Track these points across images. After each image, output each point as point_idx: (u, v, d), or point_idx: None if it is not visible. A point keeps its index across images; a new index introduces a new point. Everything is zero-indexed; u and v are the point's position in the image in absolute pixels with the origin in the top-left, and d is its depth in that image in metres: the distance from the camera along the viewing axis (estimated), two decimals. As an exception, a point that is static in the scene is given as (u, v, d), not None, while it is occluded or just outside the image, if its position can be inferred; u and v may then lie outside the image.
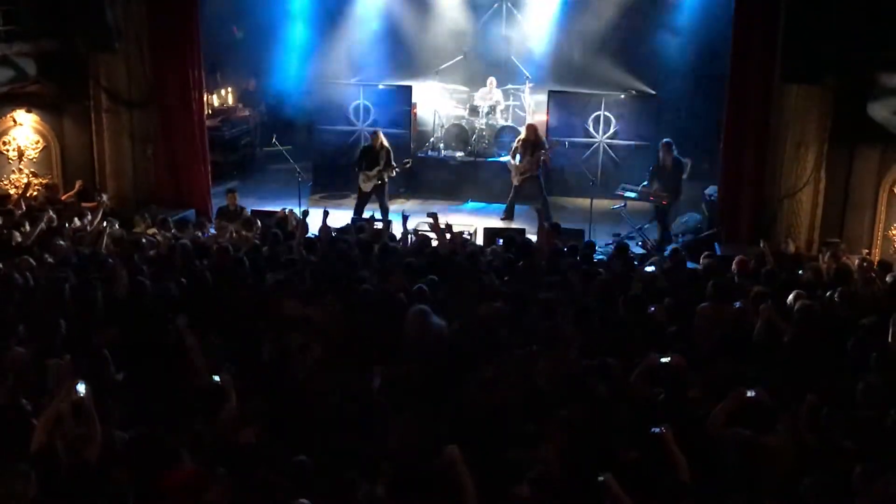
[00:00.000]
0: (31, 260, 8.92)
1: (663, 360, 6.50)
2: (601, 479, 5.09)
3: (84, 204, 12.51)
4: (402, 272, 9.00)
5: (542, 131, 15.36)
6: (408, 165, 14.78)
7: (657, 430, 5.52)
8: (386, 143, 14.45)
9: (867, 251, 11.49)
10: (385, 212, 14.21)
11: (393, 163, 14.29)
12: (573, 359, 7.05)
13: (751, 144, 12.65)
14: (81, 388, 5.59)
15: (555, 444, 5.71)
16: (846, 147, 12.00)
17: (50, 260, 9.27)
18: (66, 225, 11.04)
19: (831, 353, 7.15)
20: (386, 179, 14.31)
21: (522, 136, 14.96)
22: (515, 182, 14.86)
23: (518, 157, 14.79)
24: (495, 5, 17.62)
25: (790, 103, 12.18)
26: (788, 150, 12.27)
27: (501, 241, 11.28)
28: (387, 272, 9.09)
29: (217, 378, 6.11)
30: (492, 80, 16.79)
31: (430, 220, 10.78)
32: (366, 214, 13.85)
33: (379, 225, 12.08)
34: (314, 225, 11.52)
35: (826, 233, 12.09)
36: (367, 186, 14.26)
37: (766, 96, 12.43)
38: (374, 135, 14.53)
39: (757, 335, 7.53)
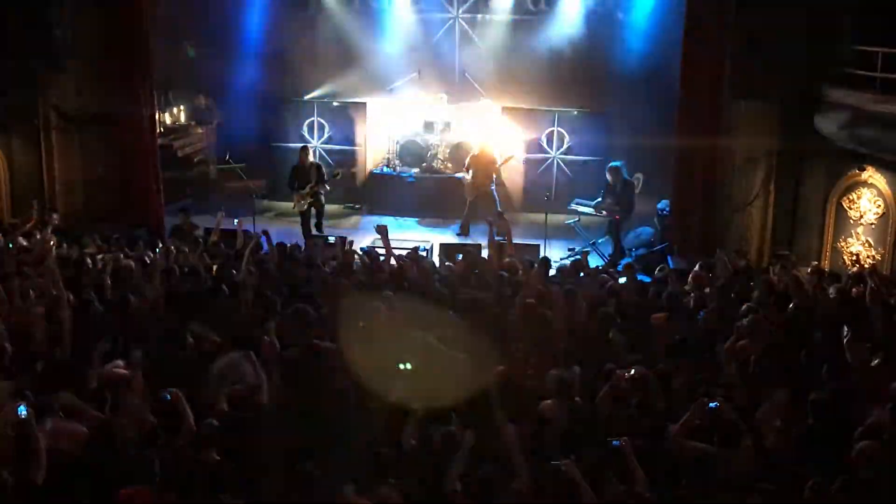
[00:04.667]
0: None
1: (628, 373, 6.55)
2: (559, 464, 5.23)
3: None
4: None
5: (495, 147, 15.44)
6: (338, 177, 14.70)
7: (616, 442, 5.55)
8: (314, 158, 14.37)
9: (816, 263, 11.69)
10: (320, 227, 14.16)
11: (325, 177, 14.24)
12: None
13: (701, 159, 12.85)
14: (22, 410, 5.46)
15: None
16: (795, 161, 12.25)
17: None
18: (10, 245, 10.76)
19: (787, 365, 7.24)
20: (322, 194, 14.25)
21: (476, 152, 15.04)
22: (469, 198, 14.91)
23: (471, 172, 14.85)
24: (448, 22, 17.71)
25: (739, 118, 12.41)
26: (738, 164, 12.49)
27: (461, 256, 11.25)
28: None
29: (167, 396, 5.95)
30: (444, 97, 16.80)
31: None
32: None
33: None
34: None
35: (776, 245, 12.31)
36: (301, 205, 14.20)
37: (715, 111, 12.63)
38: (303, 151, 14.48)
39: None
